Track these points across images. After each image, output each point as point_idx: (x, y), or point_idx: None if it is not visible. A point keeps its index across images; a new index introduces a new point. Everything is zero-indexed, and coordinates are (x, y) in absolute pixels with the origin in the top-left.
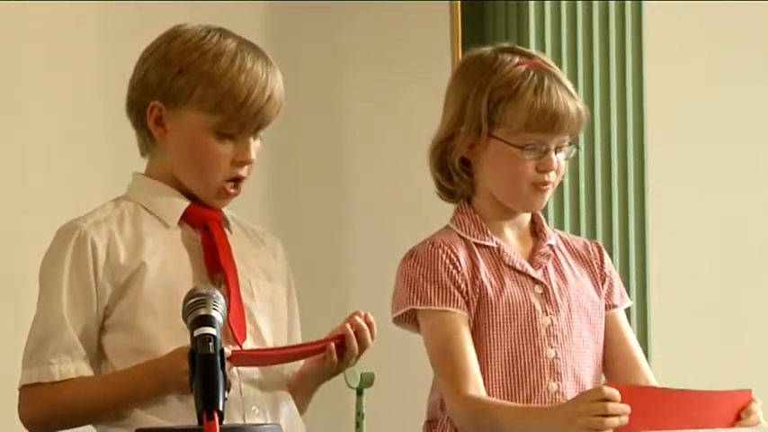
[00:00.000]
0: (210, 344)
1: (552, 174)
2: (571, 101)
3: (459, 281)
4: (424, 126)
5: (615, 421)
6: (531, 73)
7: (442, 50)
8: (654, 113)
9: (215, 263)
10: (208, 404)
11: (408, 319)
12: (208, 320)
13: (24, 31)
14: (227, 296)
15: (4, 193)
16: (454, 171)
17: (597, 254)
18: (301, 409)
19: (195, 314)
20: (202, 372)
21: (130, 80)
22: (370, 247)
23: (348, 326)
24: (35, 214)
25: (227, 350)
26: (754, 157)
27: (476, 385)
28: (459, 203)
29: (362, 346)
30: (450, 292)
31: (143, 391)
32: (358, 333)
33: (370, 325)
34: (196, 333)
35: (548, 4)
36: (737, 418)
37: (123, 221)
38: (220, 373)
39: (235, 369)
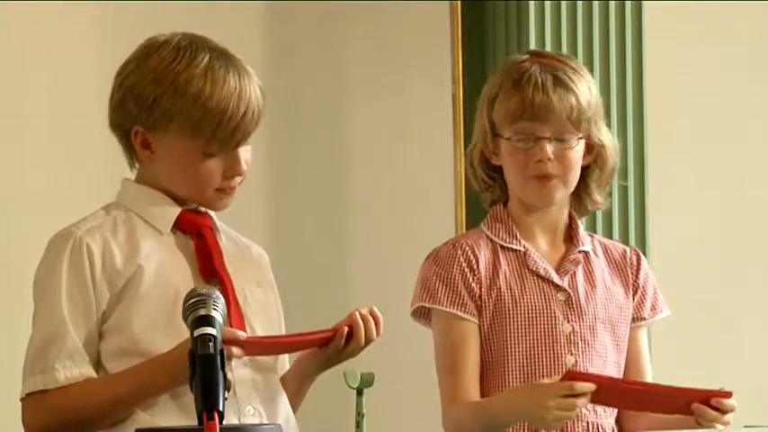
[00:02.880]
0: (210, 344)
1: (551, 165)
2: (557, 89)
3: (473, 284)
4: (424, 126)
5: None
6: (523, 67)
7: (442, 50)
8: (654, 113)
9: (210, 269)
10: (208, 404)
11: (423, 315)
12: (208, 320)
13: (24, 32)
14: (225, 300)
15: (4, 195)
16: (479, 176)
17: (634, 262)
18: (294, 402)
19: (195, 314)
20: (202, 372)
21: (110, 100)
22: (370, 247)
23: (357, 314)
24: (35, 216)
25: (242, 335)
26: (755, 156)
27: (469, 396)
28: (495, 206)
29: (368, 337)
30: (461, 296)
31: (152, 386)
32: (365, 324)
33: (376, 318)
34: (196, 333)
35: (548, 4)
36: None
37: (117, 228)
38: (220, 373)
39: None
